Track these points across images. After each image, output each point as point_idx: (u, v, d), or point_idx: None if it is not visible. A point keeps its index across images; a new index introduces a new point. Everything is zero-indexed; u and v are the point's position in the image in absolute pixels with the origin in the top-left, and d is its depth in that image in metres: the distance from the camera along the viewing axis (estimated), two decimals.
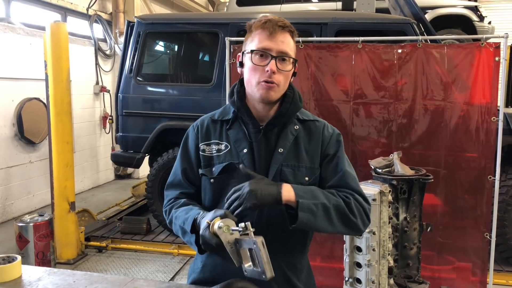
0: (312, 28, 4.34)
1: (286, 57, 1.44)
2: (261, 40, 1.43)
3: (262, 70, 1.42)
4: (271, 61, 1.41)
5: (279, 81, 1.43)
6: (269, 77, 1.41)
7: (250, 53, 1.44)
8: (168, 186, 1.62)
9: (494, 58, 3.07)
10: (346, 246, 2.20)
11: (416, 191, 2.50)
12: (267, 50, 1.42)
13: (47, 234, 3.98)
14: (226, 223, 1.23)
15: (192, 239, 1.39)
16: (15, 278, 1.55)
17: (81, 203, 6.02)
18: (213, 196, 1.52)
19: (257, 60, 1.43)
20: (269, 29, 1.42)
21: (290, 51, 1.45)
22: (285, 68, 1.44)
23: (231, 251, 1.22)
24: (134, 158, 4.76)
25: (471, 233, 3.25)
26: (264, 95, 1.43)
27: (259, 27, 1.45)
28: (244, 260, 1.21)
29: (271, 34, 1.42)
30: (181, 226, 1.44)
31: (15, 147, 5.62)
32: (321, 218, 1.37)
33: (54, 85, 4.08)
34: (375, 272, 1.81)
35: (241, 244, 1.21)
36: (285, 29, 1.44)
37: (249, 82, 1.47)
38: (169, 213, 1.55)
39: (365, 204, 1.47)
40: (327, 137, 1.55)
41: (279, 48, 1.42)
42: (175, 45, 5.35)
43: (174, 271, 4.11)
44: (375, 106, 3.32)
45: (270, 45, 1.42)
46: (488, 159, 3.15)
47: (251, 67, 1.44)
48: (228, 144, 1.52)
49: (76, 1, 6.86)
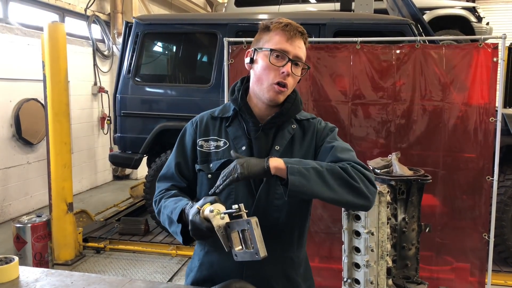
0: (310, 29, 4.33)
1: (300, 62, 1.48)
2: (281, 42, 1.45)
3: (277, 71, 1.44)
4: (287, 63, 1.44)
5: (290, 85, 1.47)
6: (283, 79, 1.44)
7: (268, 52, 1.45)
8: (161, 178, 1.62)
9: (492, 58, 3.08)
10: (345, 246, 2.20)
11: (414, 192, 2.50)
12: (285, 52, 1.44)
13: (45, 235, 3.97)
14: (217, 208, 1.24)
15: (178, 228, 1.39)
16: (13, 279, 1.54)
17: (79, 204, 6.00)
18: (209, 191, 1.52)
19: (274, 60, 1.45)
20: (290, 33, 1.45)
21: (304, 57, 1.50)
22: (297, 73, 1.48)
23: (221, 236, 1.22)
24: (132, 159, 4.75)
25: (469, 234, 3.26)
26: (273, 97, 1.45)
27: (279, 29, 1.47)
28: (234, 245, 1.21)
29: (291, 37, 1.45)
30: (169, 215, 1.44)
31: (13, 148, 5.60)
32: (315, 181, 1.30)
33: (52, 86, 4.07)
34: (374, 273, 1.81)
35: (233, 227, 1.21)
36: (303, 36, 1.49)
37: (259, 81, 1.48)
38: (158, 203, 1.55)
39: (364, 171, 1.39)
40: (320, 130, 1.56)
41: (296, 53, 1.46)
42: (173, 45, 5.35)
43: (173, 272, 4.10)
44: (374, 106, 3.32)
45: (289, 48, 1.45)
46: (486, 159, 3.15)
47: (267, 66, 1.45)
48: (227, 141, 1.53)
49: (74, 2, 6.85)
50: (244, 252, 1.21)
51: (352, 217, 2.01)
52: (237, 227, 1.21)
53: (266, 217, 1.46)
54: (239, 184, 1.48)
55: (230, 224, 1.22)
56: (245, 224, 1.19)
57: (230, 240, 1.22)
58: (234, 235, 1.22)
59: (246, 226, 1.19)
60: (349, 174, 1.35)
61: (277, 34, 1.47)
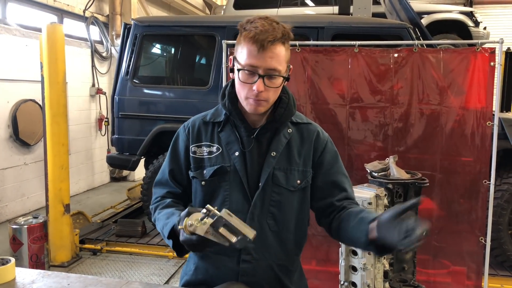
0: (308, 32, 4.35)
1: (275, 72, 1.37)
2: (250, 56, 1.35)
3: (249, 87, 1.38)
4: (258, 80, 1.35)
5: (268, 97, 1.40)
6: (255, 96, 1.37)
7: (237, 64, 1.40)
8: (156, 183, 1.61)
9: (489, 63, 3.09)
10: (342, 249, 2.20)
11: (411, 195, 2.51)
12: (254, 69, 1.35)
13: (41, 236, 3.95)
14: (194, 218, 1.23)
15: (170, 243, 1.39)
16: (9, 280, 1.53)
17: (76, 206, 5.98)
18: (203, 199, 1.51)
19: (244, 77, 1.38)
20: (259, 44, 1.33)
21: (279, 66, 1.37)
22: (273, 84, 1.38)
23: (214, 237, 1.22)
24: (130, 160, 4.74)
25: (466, 237, 3.26)
26: (253, 110, 1.42)
27: (247, 40, 1.35)
28: (229, 238, 1.21)
29: (260, 49, 1.33)
30: (161, 229, 1.44)
31: (10, 148, 5.59)
32: None
33: (50, 87, 4.07)
34: (371, 276, 1.81)
35: (217, 226, 1.21)
36: (275, 42, 1.34)
37: (238, 94, 1.45)
38: (154, 212, 1.55)
39: None
40: (321, 144, 1.54)
41: (267, 66, 1.35)
42: (172, 47, 5.35)
43: (169, 274, 4.09)
44: (371, 110, 3.33)
45: (258, 62, 1.34)
46: (483, 163, 3.16)
47: (239, 83, 1.41)
48: (220, 147, 1.50)
49: (72, 3, 6.85)
50: (240, 239, 1.21)
51: None
52: (219, 224, 1.21)
53: (261, 223, 1.45)
54: (234, 190, 1.47)
55: (214, 223, 1.22)
56: (222, 221, 1.20)
57: (223, 236, 1.22)
58: (223, 231, 1.22)
59: (223, 221, 1.20)
60: None
61: (246, 45, 1.36)
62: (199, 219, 1.22)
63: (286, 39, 1.39)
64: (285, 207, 1.47)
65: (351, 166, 3.33)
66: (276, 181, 1.47)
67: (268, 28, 1.35)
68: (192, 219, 1.23)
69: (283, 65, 1.39)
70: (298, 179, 1.49)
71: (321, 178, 1.52)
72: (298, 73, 3.35)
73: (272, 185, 1.46)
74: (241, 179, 1.46)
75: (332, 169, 1.53)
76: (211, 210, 1.22)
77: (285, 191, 1.48)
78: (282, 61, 1.38)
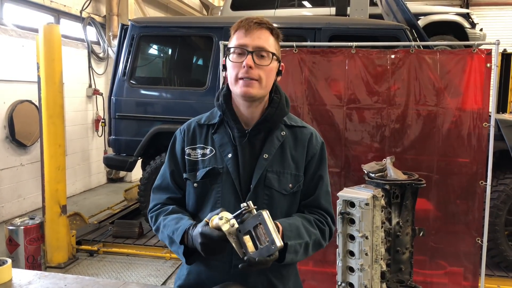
0: (306, 33, 4.35)
1: (264, 52, 1.42)
2: (238, 38, 1.43)
3: (240, 67, 1.41)
4: (247, 56, 1.40)
5: (258, 76, 1.41)
6: (246, 73, 1.40)
7: (230, 52, 1.45)
8: (155, 189, 1.60)
9: (485, 64, 3.10)
10: (339, 250, 2.20)
11: (408, 196, 2.51)
12: (243, 46, 1.41)
13: (38, 237, 3.94)
14: (225, 216, 1.24)
15: (181, 249, 1.38)
16: (6, 281, 1.53)
17: (73, 207, 5.97)
18: (196, 201, 1.51)
19: (235, 58, 1.43)
20: (245, 27, 1.42)
21: (268, 46, 1.43)
22: (263, 63, 1.42)
23: (234, 243, 1.22)
24: (127, 161, 4.73)
25: (463, 238, 3.27)
26: (243, 92, 1.41)
27: (235, 27, 1.46)
28: (248, 248, 1.20)
29: (247, 30, 1.42)
30: (170, 235, 1.43)
31: (6, 149, 5.57)
32: (301, 255, 1.43)
33: (47, 88, 4.06)
34: (368, 277, 1.81)
35: (244, 229, 1.20)
36: (261, 25, 1.43)
37: (230, 81, 1.47)
38: (156, 220, 1.53)
39: (333, 227, 1.57)
40: (314, 149, 1.55)
41: (255, 44, 1.41)
42: (169, 48, 5.34)
43: (166, 275, 4.08)
44: (368, 111, 3.33)
45: (246, 41, 1.41)
46: (480, 164, 3.17)
47: (231, 65, 1.45)
48: (213, 149, 1.51)
49: (69, 4, 6.83)
50: (259, 250, 1.19)
51: (346, 221, 2.01)
52: (248, 226, 1.20)
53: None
54: (226, 192, 1.47)
55: (241, 227, 1.21)
56: (257, 219, 1.19)
57: (243, 246, 1.21)
58: (246, 239, 1.21)
59: (258, 220, 1.18)
60: (324, 237, 1.53)
61: (235, 32, 1.46)
62: (229, 218, 1.22)
63: (273, 30, 1.46)
64: (276, 210, 1.47)
65: (348, 167, 3.34)
66: (268, 184, 1.47)
67: (254, 18, 1.45)
68: (223, 215, 1.23)
69: (272, 48, 1.44)
70: (290, 183, 1.50)
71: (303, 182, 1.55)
72: (295, 74, 3.35)
73: (264, 187, 1.46)
74: (233, 180, 1.46)
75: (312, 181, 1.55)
76: (250, 207, 1.22)
77: (276, 194, 1.48)
78: (270, 45, 1.44)
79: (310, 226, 1.48)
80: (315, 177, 1.55)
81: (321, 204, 1.56)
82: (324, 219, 1.54)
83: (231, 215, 1.24)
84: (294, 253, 1.38)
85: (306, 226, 1.46)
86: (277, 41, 1.48)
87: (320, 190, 1.56)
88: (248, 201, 1.24)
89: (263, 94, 1.46)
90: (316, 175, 1.55)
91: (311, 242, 1.46)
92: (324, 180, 1.57)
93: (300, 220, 1.47)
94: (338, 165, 3.33)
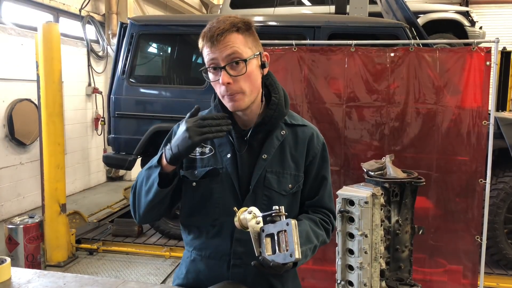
0: (305, 31, 4.35)
1: (237, 60, 1.33)
2: (207, 53, 1.35)
3: (219, 85, 1.35)
4: (221, 73, 1.33)
5: (240, 88, 1.34)
6: (226, 91, 1.34)
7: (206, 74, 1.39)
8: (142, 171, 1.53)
9: (485, 62, 3.10)
10: (338, 248, 2.20)
11: (408, 194, 2.51)
12: (214, 62, 1.34)
13: (37, 236, 3.93)
14: (253, 211, 1.24)
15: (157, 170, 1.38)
16: (5, 280, 1.53)
17: (72, 205, 5.96)
18: (193, 200, 1.49)
19: (212, 76, 1.37)
20: (210, 39, 1.32)
21: (238, 50, 1.33)
22: (239, 72, 1.33)
23: (254, 239, 1.22)
24: (126, 160, 4.72)
25: (462, 236, 3.27)
26: (232, 107, 1.38)
27: (201, 40, 1.37)
28: (266, 250, 1.20)
29: (212, 44, 1.32)
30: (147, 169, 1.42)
31: (6, 148, 5.56)
32: (309, 257, 1.44)
33: (46, 86, 4.05)
34: (367, 275, 1.81)
35: (268, 230, 1.20)
36: (224, 32, 1.31)
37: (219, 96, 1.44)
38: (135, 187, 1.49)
39: (335, 224, 1.55)
40: (315, 149, 1.53)
41: (225, 54, 1.32)
42: (168, 47, 5.33)
43: (166, 273, 4.08)
44: (368, 109, 3.34)
45: (215, 54, 1.33)
46: (479, 162, 3.17)
47: (212, 85, 1.41)
48: (212, 148, 1.49)
49: (68, 2, 6.82)
50: (276, 255, 1.19)
51: (346, 219, 2.01)
52: (273, 230, 1.20)
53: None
54: (225, 192, 1.45)
55: (266, 228, 1.21)
56: (283, 225, 1.18)
57: (262, 245, 1.21)
58: (267, 240, 1.21)
59: (285, 227, 1.17)
60: (329, 235, 1.55)
61: (203, 46, 1.37)
62: (257, 215, 1.23)
63: (238, 27, 1.35)
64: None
65: (347, 165, 3.34)
66: (268, 184, 1.45)
67: (214, 25, 1.34)
68: (252, 210, 1.24)
69: (242, 49, 1.34)
70: (290, 184, 1.48)
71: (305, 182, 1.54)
72: (295, 72, 3.35)
73: (263, 188, 1.45)
74: (232, 181, 1.45)
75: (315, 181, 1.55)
76: (281, 212, 1.21)
77: (276, 194, 1.46)
78: (240, 46, 1.34)
79: (317, 228, 1.49)
80: (319, 178, 1.55)
81: (325, 203, 1.57)
82: (328, 218, 1.56)
83: (260, 213, 1.24)
84: (305, 258, 1.38)
85: (313, 229, 1.47)
86: (249, 33, 1.38)
87: (324, 191, 1.56)
88: (281, 206, 1.22)
89: (253, 99, 1.41)
90: (319, 175, 1.55)
91: (319, 243, 1.48)
92: (327, 180, 1.58)
93: (307, 223, 1.47)
94: (337, 164, 3.33)
